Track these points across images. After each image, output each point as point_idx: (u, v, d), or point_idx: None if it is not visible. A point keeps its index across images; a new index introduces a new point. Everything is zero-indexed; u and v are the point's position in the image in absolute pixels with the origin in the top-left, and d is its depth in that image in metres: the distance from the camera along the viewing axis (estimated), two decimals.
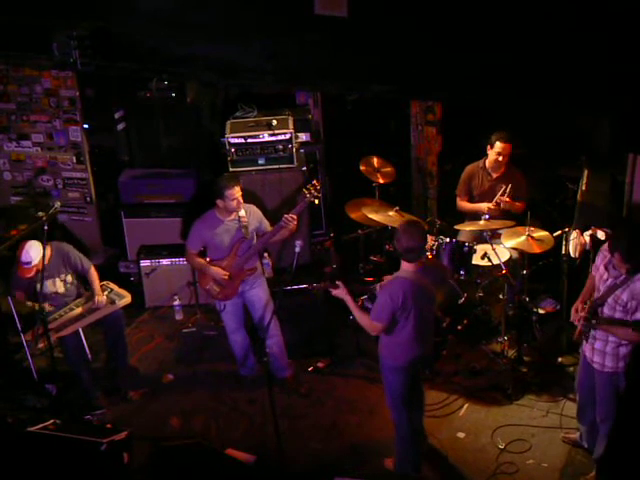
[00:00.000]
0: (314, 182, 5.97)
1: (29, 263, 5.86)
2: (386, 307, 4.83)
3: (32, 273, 5.91)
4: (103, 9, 6.15)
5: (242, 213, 5.91)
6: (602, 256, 4.84)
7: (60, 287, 6.18)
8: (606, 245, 4.81)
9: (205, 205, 6.07)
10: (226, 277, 5.93)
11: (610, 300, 4.69)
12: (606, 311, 4.72)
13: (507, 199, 6.43)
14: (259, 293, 6.07)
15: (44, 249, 5.78)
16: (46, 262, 5.85)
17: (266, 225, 6.05)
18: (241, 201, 5.83)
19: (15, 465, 4.89)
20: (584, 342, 4.94)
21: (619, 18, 4.71)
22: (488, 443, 5.58)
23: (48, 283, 6.04)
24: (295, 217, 5.84)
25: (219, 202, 5.82)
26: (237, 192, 5.77)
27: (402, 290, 4.81)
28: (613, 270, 4.71)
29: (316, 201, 5.98)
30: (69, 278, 6.22)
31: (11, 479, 4.89)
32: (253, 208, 6.04)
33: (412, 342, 4.95)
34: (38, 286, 5.78)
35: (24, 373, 6.26)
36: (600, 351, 4.82)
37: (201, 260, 6.01)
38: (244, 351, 6.26)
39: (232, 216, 5.89)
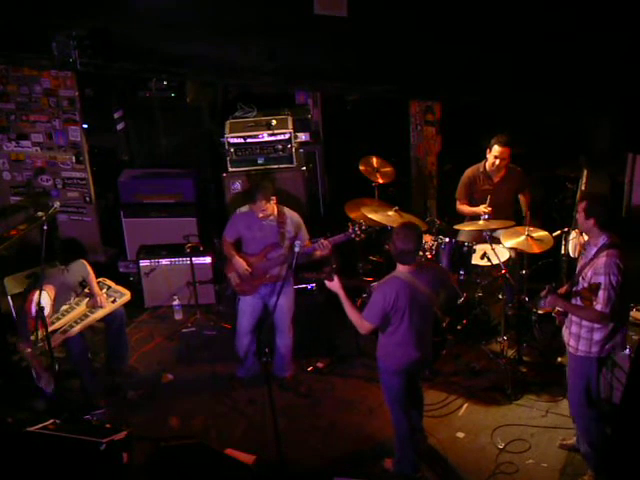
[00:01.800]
0: (363, 222, 5.97)
1: None
2: (378, 306, 4.84)
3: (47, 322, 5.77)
4: (103, 9, 6.17)
5: (286, 211, 6.00)
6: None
7: (70, 307, 6.19)
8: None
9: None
10: (247, 273, 5.98)
11: (580, 278, 4.77)
12: (578, 289, 4.79)
13: (489, 210, 6.36)
14: (283, 301, 5.90)
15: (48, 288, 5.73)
16: (51, 307, 5.83)
17: (305, 236, 6.02)
18: (268, 214, 5.88)
19: (15, 465, 4.89)
20: (564, 328, 4.99)
21: (619, 19, 4.72)
22: (487, 443, 5.58)
23: (60, 315, 6.04)
24: (330, 245, 5.88)
25: (250, 203, 5.92)
26: (266, 206, 5.82)
27: (395, 290, 4.82)
28: (587, 248, 4.83)
29: (357, 239, 5.98)
30: (74, 296, 6.22)
31: (11, 479, 4.89)
32: (296, 217, 6.05)
33: (409, 344, 4.95)
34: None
35: (23, 373, 6.24)
36: (575, 334, 4.87)
37: (231, 250, 6.09)
38: (247, 353, 6.25)
39: (268, 217, 5.94)
